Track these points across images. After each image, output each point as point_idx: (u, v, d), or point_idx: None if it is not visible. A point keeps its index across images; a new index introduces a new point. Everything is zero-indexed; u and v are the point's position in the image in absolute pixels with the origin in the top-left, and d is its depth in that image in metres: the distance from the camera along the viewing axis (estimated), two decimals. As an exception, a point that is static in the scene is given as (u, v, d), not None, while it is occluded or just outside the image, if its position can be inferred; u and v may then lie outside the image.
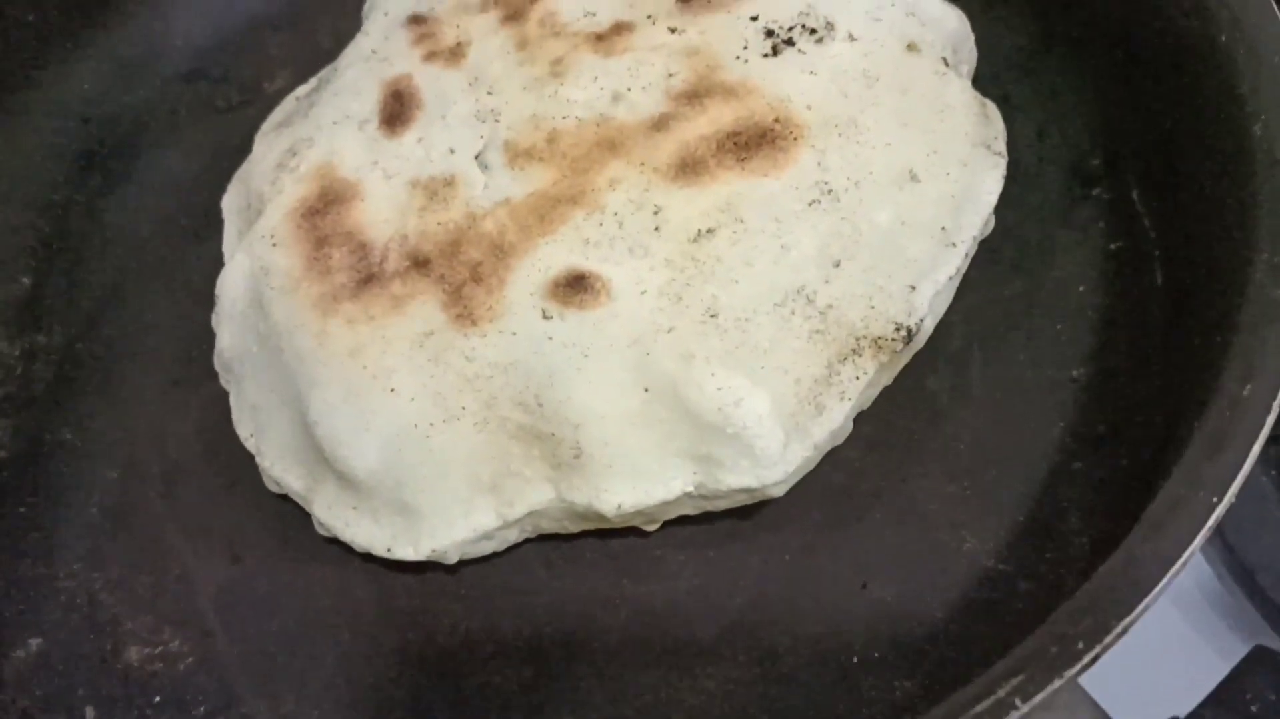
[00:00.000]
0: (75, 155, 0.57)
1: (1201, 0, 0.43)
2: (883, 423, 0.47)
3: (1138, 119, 0.49)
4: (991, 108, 0.46)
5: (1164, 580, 0.32)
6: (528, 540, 0.45)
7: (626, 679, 0.42)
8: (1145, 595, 0.32)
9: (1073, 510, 0.44)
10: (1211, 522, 0.31)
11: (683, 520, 0.44)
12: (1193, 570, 0.54)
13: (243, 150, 0.55)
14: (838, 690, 0.41)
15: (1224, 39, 0.42)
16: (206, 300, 0.51)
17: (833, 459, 0.45)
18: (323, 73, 0.56)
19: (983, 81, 0.52)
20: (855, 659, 0.42)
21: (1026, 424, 0.47)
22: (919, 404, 0.48)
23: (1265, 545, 0.47)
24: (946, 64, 0.46)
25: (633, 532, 0.44)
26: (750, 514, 0.45)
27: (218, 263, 0.52)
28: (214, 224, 0.53)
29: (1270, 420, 0.33)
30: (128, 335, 0.52)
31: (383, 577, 0.44)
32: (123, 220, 0.56)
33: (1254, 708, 0.39)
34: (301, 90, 0.54)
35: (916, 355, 0.47)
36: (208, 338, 0.49)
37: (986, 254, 0.49)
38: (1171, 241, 0.46)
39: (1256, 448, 0.32)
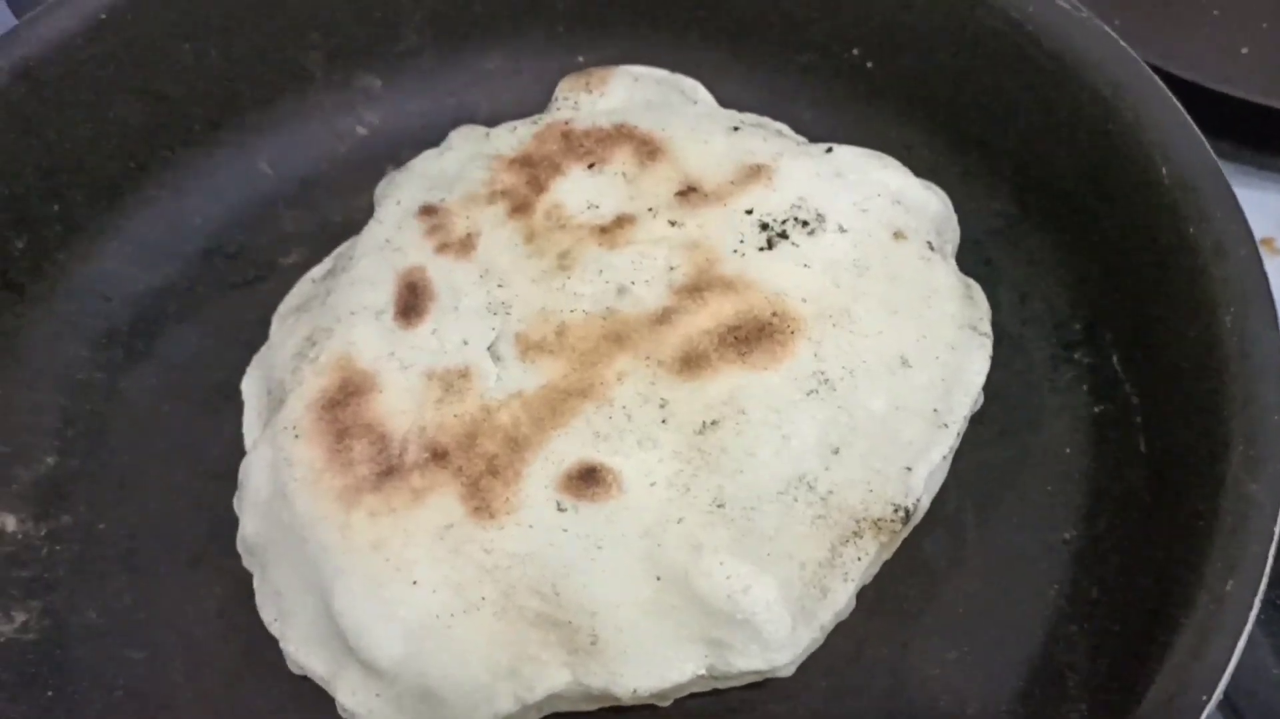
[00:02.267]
0: (98, 334, 0.59)
1: (1166, 192, 0.46)
2: (883, 589, 0.48)
3: (1113, 292, 0.52)
4: (976, 288, 0.49)
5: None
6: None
7: None
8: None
9: (1070, 675, 0.46)
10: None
11: (694, 694, 0.45)
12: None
13: (259, 325, 0.57)
14: None
15: (1192, 230, 0.45)
16: (224, 478, 0.53)
17: (837, 627, 0.47)
18: (339, 250, 0.59)
19: (965, 248, 0.55)
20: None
21: (1022, 588, 0.49)
22: (917, 570, 0.49)
23: (1261, 702, 0.49)
24: (931, 248, 0.49)
25: (647, 708, 0.46)
26: (759, 685, 0.46)
27: (235, 441, 0.54)
28: (231, 401, 0.55)
29: (1252, 617, 0.35)
30: (149, 514, 0.54)
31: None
32: (143, 398, 0.58)
33: None
34: (317, 271, 0.57)
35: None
36: (227, 517, 0.50)
37: (976, 416, 0.51)
38: (1152, 411, 0.48)
39: (1241, 644, 0.34)
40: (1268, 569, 0.36)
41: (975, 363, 0.46)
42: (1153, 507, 0.47)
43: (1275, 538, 0.37)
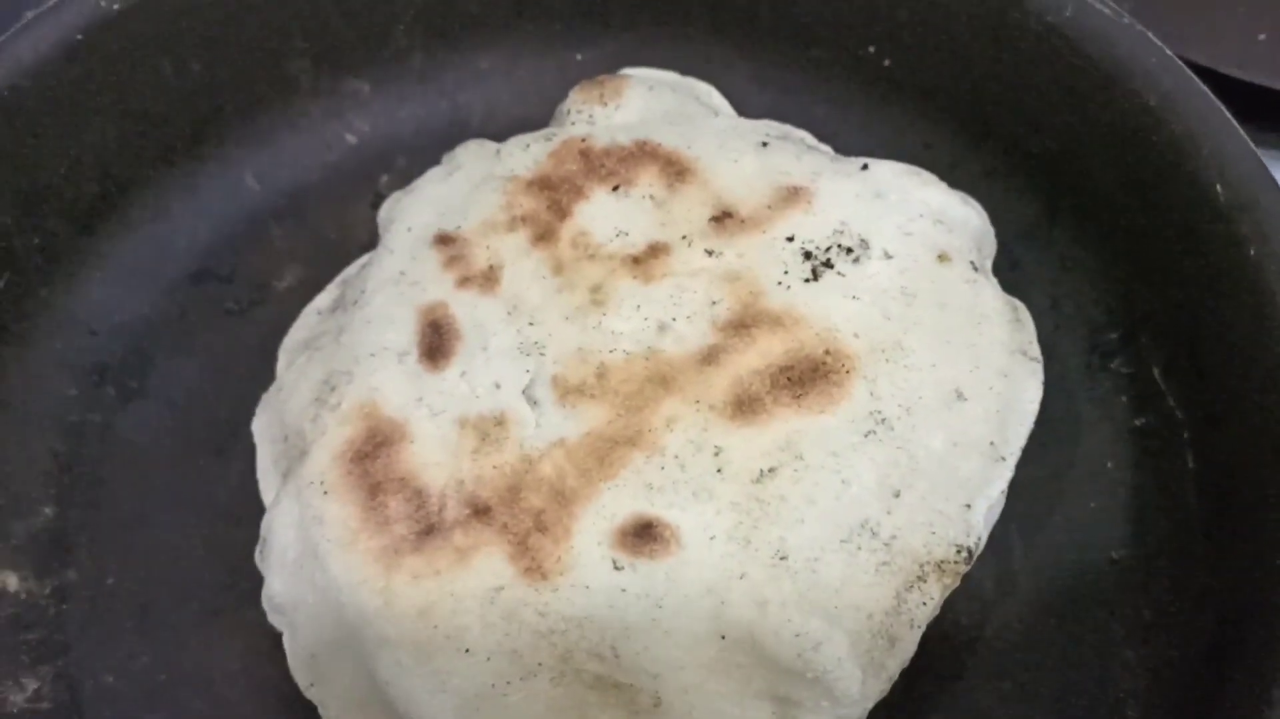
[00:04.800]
0: (87, 371, 0.56)
1: (1223, 211, 0.45)
2: (934, 620, 0.47)
3: (1152, 295, 0.50)
4: (1022, 309, 0.48)
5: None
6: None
7: None
8: None
9: (1130, 703, 0.45)
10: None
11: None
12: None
13: (259, 356, 0.55)
14: None
15: (1253, 253, 0.44)
16: (236, 520, 0.51)
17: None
18: (343, 275, 0.56)
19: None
20: None
21: (1073, 611, 0.48)
22: (967, 597, 0.48)
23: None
24: (975, 268, 0.47)
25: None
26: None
27: (244, 479, 0.51)
28: (236, 437, 0.53)
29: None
30: (160, 564, 0.51)
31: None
32: (141, 437, 0.55)
33: None
34: (322, 302, 0.54)
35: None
36: (244, 566, 0.48)
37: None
38: (1202, 427, 0.48)
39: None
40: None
41: (1029, 390, 0.45)
42: (1206, 526, 0.46)
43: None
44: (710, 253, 0.46)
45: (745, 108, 0.59)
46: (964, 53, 0.55)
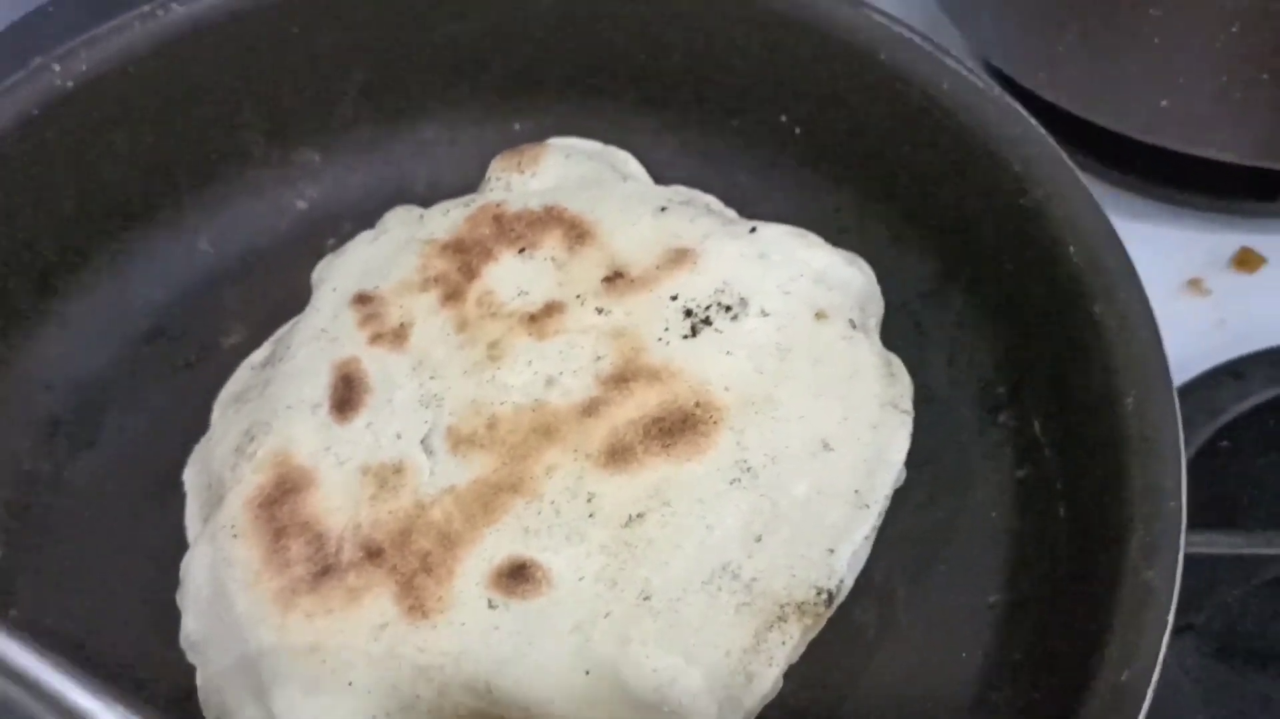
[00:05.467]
0: (42, 423, 0.59)
1: (1074, 269, 0.48)
2: (815, 660, 0.49)
3: (1033, 358, 0.53)
4: (897, 363, 0.50)
5: None
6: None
7: None
8: None
9: (998, 741, 0.47)
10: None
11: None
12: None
13: (200, 411, 0.58)
14: None
15: (1097, 309, 0.46)
16: (169, 564, 0.53)
17: (768, 704, 0.48)
18: (279, 333, 0.59)
19: (895, 310, 0.57)
20: None
21: (951, 653, 0.50)
22: (849, 638, 0.51)
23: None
24: (854, 325, 0.50)
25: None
26: (697, 765, 0.47)
27: (177, 527, 0.54)
28: (175, 486, 0.56)
29: (1146, 707, 0.36)
30: (94, 608, 0.54)
31: None
32: (89, 487, 0.58)
33: None
34: (256, 357, 0.58)
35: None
36: (170, 610, 0.51)
37: (907, 481, 0.53)
38: (1069, 479, 0.50)
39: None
40: (1161, 657, 0.38)
41: (897, 441, 0.47)
42: (1069, 574, 0.48)
43: (1169, 627, 0.39)
44: (600, 311, 0.49)
45: (670, 175, 0.63)
46: (862, 122, 0.58)
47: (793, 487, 0.45)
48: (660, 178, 0.62)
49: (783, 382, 0.47)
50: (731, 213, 0.58)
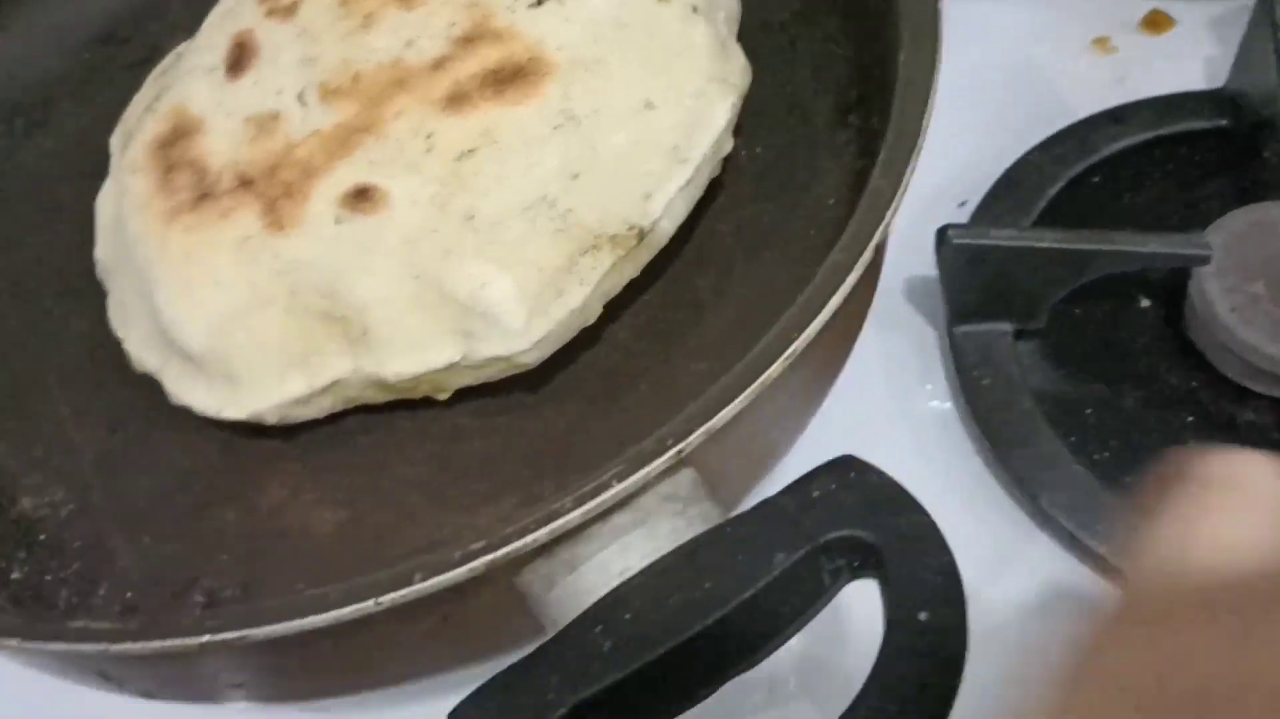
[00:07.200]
0: (3, 109, 0.67)
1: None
2: (653, 316, 0.56)
3: (875, 62, 0.58)
4: (735, 48, 0.55)
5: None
6: (349, 411, 0.54)
7: (419, 516, 0.51)
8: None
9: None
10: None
11: (480, 393, 0.53)
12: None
13: (140, 101, 0.65)
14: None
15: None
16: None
17: (608, 344, 0.55)
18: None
19: (772, 29, 0.62)
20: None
21: (774, 315, 0.56)
22: (685, 300, 0.56)
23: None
24: (696, 10, 0.54)
25: (438, 404, 0.54)
26: (536, 388, 0.54)
27: (113, 197, 0.62)
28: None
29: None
30: (41, 261, 0.62)
31: (231, 440, 0.54)
32: (39, 166, 0.66)
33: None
34: (182, 47, 0.64)
35: (688, 261, 0.57)
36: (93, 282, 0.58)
37: (757, 176, 0.59)
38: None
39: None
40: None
41: (719, 109, 0.52)
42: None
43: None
44: (462, -13, 0.54)
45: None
46: None
47: (612, 135, 0.50)
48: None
49: (615, 49, 0.52)
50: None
